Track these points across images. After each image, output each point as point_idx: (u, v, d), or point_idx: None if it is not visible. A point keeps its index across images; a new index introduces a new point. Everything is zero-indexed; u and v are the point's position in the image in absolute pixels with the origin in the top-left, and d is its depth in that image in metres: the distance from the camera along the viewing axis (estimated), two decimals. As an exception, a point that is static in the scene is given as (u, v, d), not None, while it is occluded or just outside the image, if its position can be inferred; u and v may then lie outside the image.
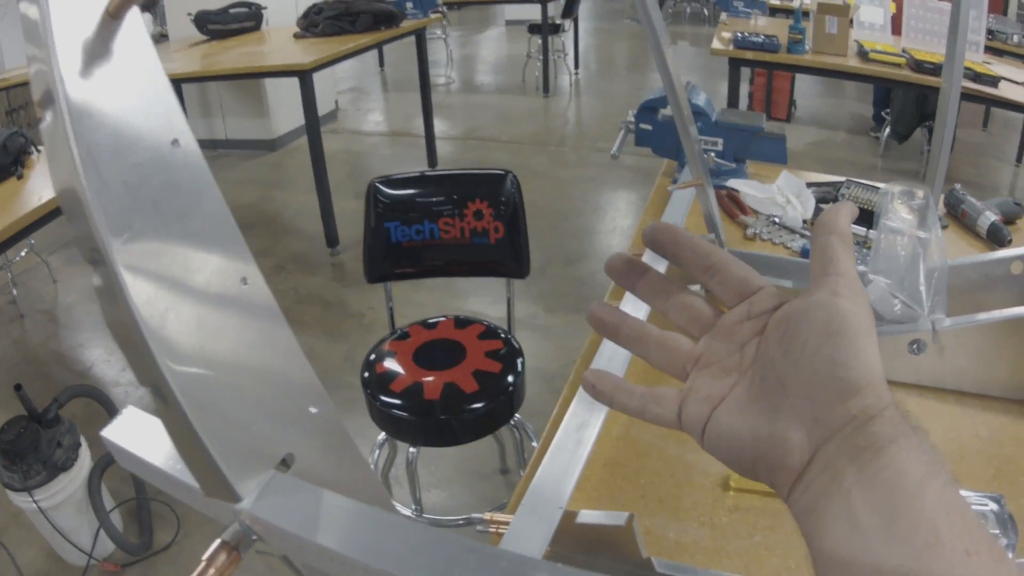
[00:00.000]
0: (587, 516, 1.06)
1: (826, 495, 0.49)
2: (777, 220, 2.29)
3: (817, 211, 2.33)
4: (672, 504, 1.33)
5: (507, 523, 1.07)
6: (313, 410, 0.75)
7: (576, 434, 1.19)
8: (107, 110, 0.61)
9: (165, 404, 0.61)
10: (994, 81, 4.52)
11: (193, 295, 0.65)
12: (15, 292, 5.20)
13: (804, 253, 2.11)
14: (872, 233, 2.17)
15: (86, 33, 0.62)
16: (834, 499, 0.49)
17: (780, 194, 2.34)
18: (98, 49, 0.62)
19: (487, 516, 1.12)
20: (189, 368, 0.62)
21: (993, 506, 1.19)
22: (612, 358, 1.38)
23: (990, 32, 6.04)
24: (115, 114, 0.62)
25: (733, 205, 2.37)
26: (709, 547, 1.24)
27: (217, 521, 0.74)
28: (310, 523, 0.66)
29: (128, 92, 0.63)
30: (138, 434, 0.82)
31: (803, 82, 8.99)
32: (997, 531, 1.16)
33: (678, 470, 1.40)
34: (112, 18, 0.63)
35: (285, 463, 0.71)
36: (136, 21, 0.65)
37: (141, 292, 0.59)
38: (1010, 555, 1.14)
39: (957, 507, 0.45)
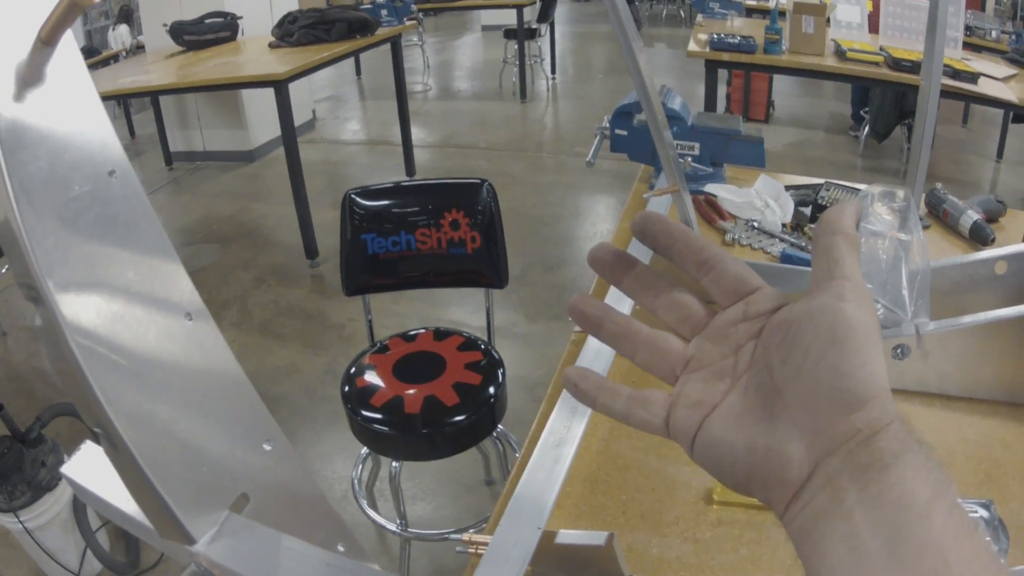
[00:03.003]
0: (566, 536, 1.03)
1: (826, 515, 0.46)
2: (756, 225, 2.27)
3: (796, 214, 2.31)
4: (654, 519, 1.30)
5: (485, 544, 1.04)
6: (267, 447, 0.72)
7: (554, 451, 1.16)
8: (42, 142, 0.58)
9: (113, 448, 0.58)
10: (973, 78, 4.51)
11: (136, 334, 0.62)
12: (-3, 309, 5.15)
13: (784, 258, 2.08)
14: (853, 235, 2.15)
15: (17, 62, 0.59)
16: (835, 520, 0.46)
17: (758, 198, 2.32)
18: (30, 78, 0.59)
19: (465, 537, 1.10)
20: (135, 410, 0.59)
21: (983, 512, 1.17)
22: (592, 365, 1.35)
23: (968, 28, 6.05)
24: (50, 146, 0.59)
25: (711, 210, 2.34)
26: (693, 563, 1.21)
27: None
28: (266, 567, 0.62)
29: (63, 122, 0.60)
30: (97, 470, 0.78)
31: (781, 82, 9.01)
32: (988, 538, 1.14)
33: (660, 484, 1.37)
34: (45, 44, 0.60)
35: (240, 503, 0.68)
36: (71, 47, 0.62)
37: (81, 333, 0.56)
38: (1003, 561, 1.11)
39: (966, 530, 0.43)
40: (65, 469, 0.79)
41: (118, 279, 0.61)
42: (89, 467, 0.79)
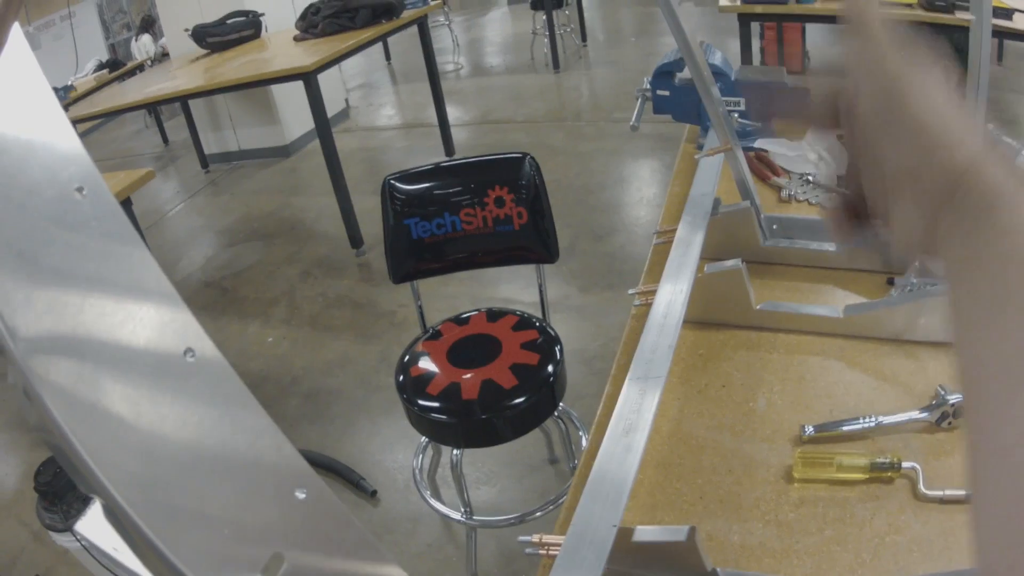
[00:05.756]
0: (644, 533, 0.97)
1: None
2: (811, 178, 2.19)
3: (851, 167, 2.23)
4: (733, 503, 1.23)
5: (558, 545, 0.98)
6: (300, 495, 0.62)
7: (624, 439, 1.09)
8: (-13, 161, 0.48)
9: (115, 518, 0.50)
10: (1008, 13, 4.39)
11: (127, 383, 0.53)
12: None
13: (843, 211, 2.00)
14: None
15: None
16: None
17: (811, 150, 2.24)
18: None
19: (535, 538, 1.04)
20: (137, 474, 0.51)
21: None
22: (655, 348, 1.29)
23: (999, -39, 5.91)
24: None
25: (763, 167, 2.26)
26: (777, 548, 1.14)
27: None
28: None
29: (13, 135, 0.51)
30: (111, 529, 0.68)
31: (814, 33, 8.84)
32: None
33: (736, 465, 1.30)
34: None
35: (273, 566, 0.58)
36: (18, 42, 0.52)
37: (59, 389, 0.48)
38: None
39: None
40: (79, 527, 0.69)
41: (97, 318, 0.52)
42: (104, 524, 0.69)
